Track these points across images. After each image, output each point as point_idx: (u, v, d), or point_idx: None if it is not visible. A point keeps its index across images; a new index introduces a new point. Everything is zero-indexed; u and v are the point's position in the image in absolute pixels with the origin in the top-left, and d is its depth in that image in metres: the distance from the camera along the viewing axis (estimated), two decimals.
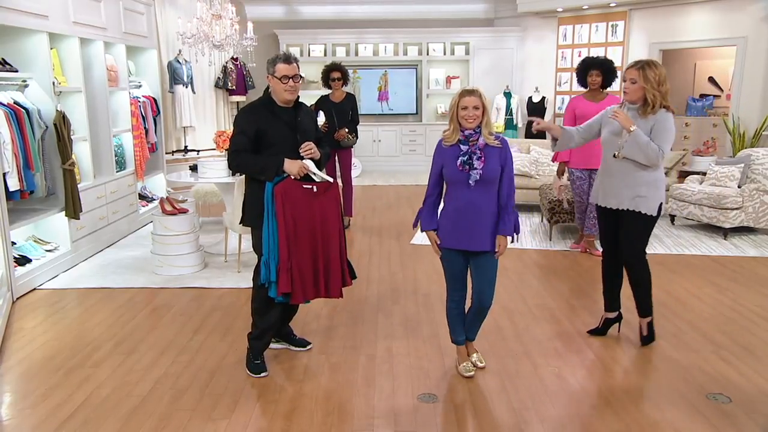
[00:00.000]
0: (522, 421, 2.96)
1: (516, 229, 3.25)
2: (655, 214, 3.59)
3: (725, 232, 6.31)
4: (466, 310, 3.47)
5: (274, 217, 3.25)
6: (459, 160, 3.18)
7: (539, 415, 3.00)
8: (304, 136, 3.39)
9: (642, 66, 3.48)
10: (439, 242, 3.31)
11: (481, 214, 3.20)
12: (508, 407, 3.08)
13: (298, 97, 3.43)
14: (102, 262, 5.68)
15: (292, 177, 3.26)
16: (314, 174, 3.33)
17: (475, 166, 3.16)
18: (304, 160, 3.29)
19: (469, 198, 3.20)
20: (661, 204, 3.59)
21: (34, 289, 4.95)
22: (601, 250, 3.91)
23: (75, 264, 5.55)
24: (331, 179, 3.39)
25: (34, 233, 5.42)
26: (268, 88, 3.47)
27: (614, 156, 3.56)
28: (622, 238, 3.67)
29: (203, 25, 6.80)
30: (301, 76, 3.38)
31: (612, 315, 3.92)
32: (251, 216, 3.44)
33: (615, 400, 3.14)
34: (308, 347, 3.79)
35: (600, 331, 3.93)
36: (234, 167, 3.41)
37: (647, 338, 3.78)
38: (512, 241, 3.34)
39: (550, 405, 3.11)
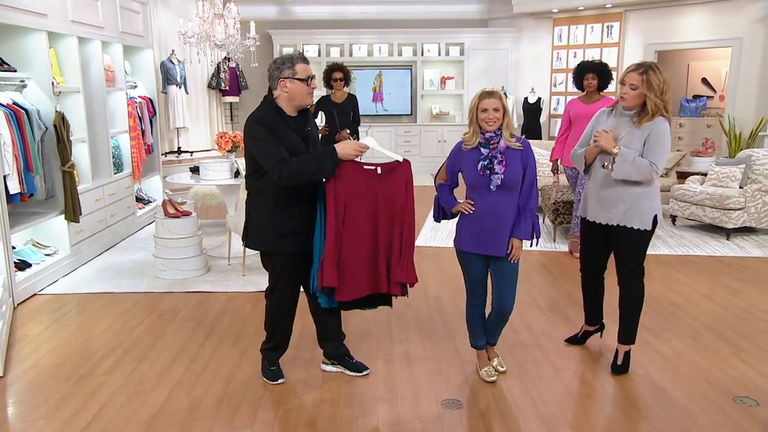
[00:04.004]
0: (552, 428, 2.91)
1: (534, 234, 3.20)
2: (649, 227, 3.27)
3: (728, 233, 6.33)
4: (487, 315, 3.42)
5: (326, 208, 3.01)
6: (480, 165, 3.11)
7: (568, 422, 2.96)
8: (314, 146, 3.19)
9: (645, 70, 3.14)
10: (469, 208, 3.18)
11: (503, 218, 3.15)
12: (536, 413, 3.03)
13: None
14: (102, 266, 5.56)
15: (351, 159, 3.00)
16: (380, 152, 3.06)
17: (496, 170, 3.09)
18: (365, 137, 3.05)
19: (490, 202, 3.14)
20: (656, 216, 3.28)
21: (35, 294, 4.82)
22: (579, 255, 3.72)
23: (75, 268, 5.42)
24: (400, 158, 3.08)
25: (33, 237, 5.29)
26: (268, 96, 3.12)
27: (603, 167, 3.25)
28: (618, 256, 3.37)
29: (205, 24, 6.69)
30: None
31: (593, 328, 3.74)
32: (258, 239, 3.18)
33: (643, 404, 3.10)
34: (365, 372, 3.44)
35: (579, 340, 3.77)
36: (285, 178, 2.93)
37: (621, 368, 3.42)
38: (531, 245, 3.29)
39: (578, 411, 3.07)
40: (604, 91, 5.63)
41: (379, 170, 3.06)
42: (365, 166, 3.03)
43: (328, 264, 3.02)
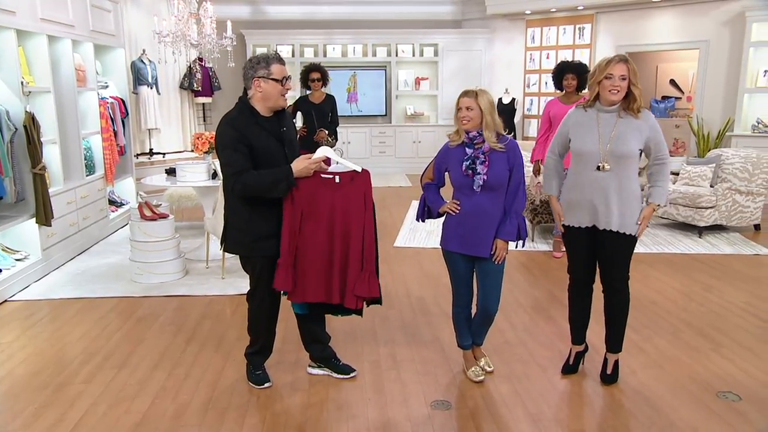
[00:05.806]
0: (541, 426, 2.92)
1: (521, 235, 3.20)
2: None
3: (700, 231, 6.46)
4: (472, 315, 3.41)
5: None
6: (463, 165, 3.12)
7: (558, 421, 2.97)
8: (291, 147, 3.15)
9: (627, 59, 3.10)
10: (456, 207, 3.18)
11: (488, 219, 3.14)
12: (525, 413, 3.03)
13: None
14: (75, 271, 5.41)
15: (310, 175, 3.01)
16: (337, 162, 3.05)
17: (478, 171, 3.10)
18: (320, 148, 3.06)
19: (475, 203, 3.14)
20: None
21: (5, 300, 4.67)
22: (560, 255, 3.56)
23: (47, 273, 5.27)
24: (358, 168, 3.08)
25: (2, 242, 5.12)
26: (243, 96, 3.08)
27: (598, 169, 3.09)
28: (608, 262, 3.22)
29: (180, 23, 6.57)
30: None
31: (581, 347, 3.48)
32: (236, 242, 3.14)
33: (629, 401, 3.14)
34: (352, 374, 3.41)
35: (573, 369, 3.46)
36: (238, 191, 2.97)
37: (612, 377, 3.32)
38: (517, 246, 3.30)
39: (566, 408, 3.09)
40: (583, 91, 5.70)
41: (337, 179, 3.06)
42: (323, 175, 3.05)
43: (283, 268, 3.05)
